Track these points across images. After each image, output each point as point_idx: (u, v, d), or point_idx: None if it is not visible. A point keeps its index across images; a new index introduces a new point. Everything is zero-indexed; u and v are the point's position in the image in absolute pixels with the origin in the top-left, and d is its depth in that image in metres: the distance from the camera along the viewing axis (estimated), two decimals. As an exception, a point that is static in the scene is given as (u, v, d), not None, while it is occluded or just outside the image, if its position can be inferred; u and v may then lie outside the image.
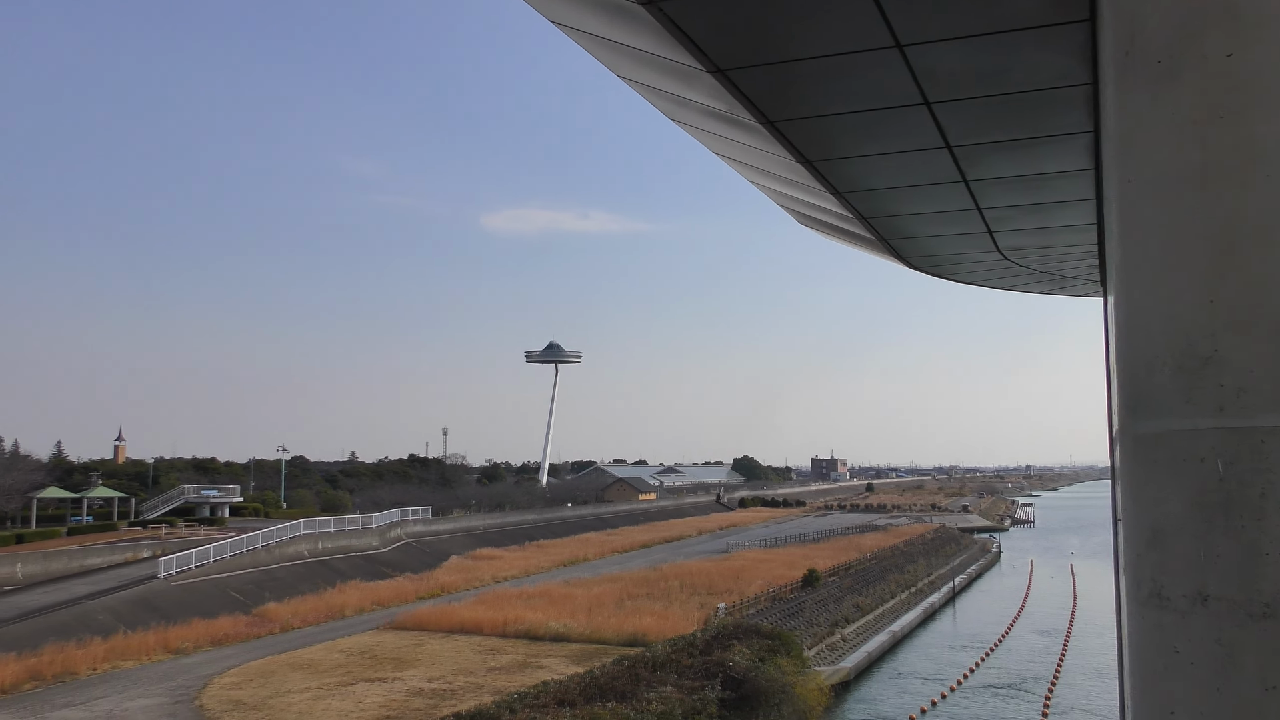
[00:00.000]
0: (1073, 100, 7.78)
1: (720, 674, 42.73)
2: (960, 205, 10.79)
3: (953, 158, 9.14)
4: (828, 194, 10.63)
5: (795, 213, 13.78)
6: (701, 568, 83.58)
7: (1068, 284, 16.72)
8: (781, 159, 9.71)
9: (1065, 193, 10.54)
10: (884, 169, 9.65)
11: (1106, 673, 64.29)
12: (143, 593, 60.56)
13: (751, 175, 12.05)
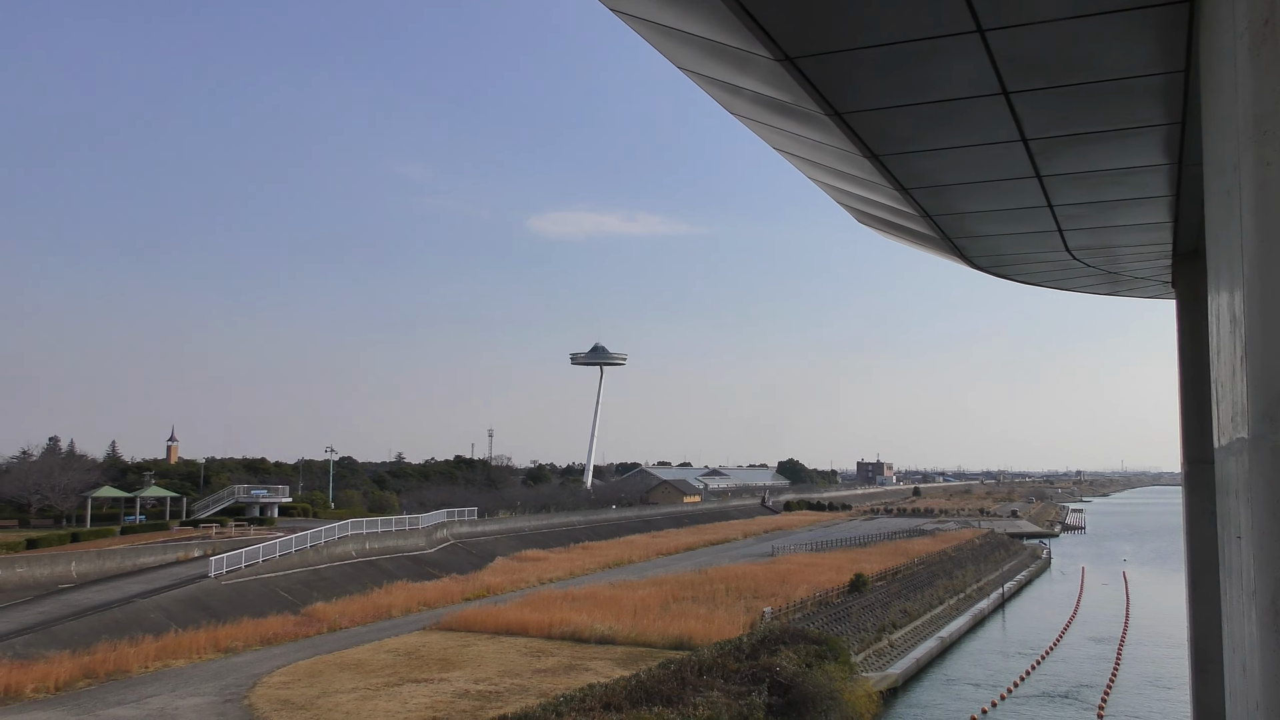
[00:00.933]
0: (1161, 89, 7.39)
1: (767, 679, 42.29)
2: (1031, 202, 10.39)
3: (1027, 151, 8.76)
4: (892, 190, 10.28)
5: (853, 209, 13.43)
6: (747, 571, 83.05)
7: (1135, 285, 16.20)
8: (844, 153, 9.39)
9: (1142, 189, 10.11)
10: (954, 164, 9.29)
11: (1164, 681, 62.94)
12: (194, 592, 61.20)
13: (810, 170, 11.72)
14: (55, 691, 40.33)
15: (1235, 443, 4.17)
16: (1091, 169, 9.44)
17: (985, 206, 10.89)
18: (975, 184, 10.00)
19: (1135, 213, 11.15)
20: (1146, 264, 14.17)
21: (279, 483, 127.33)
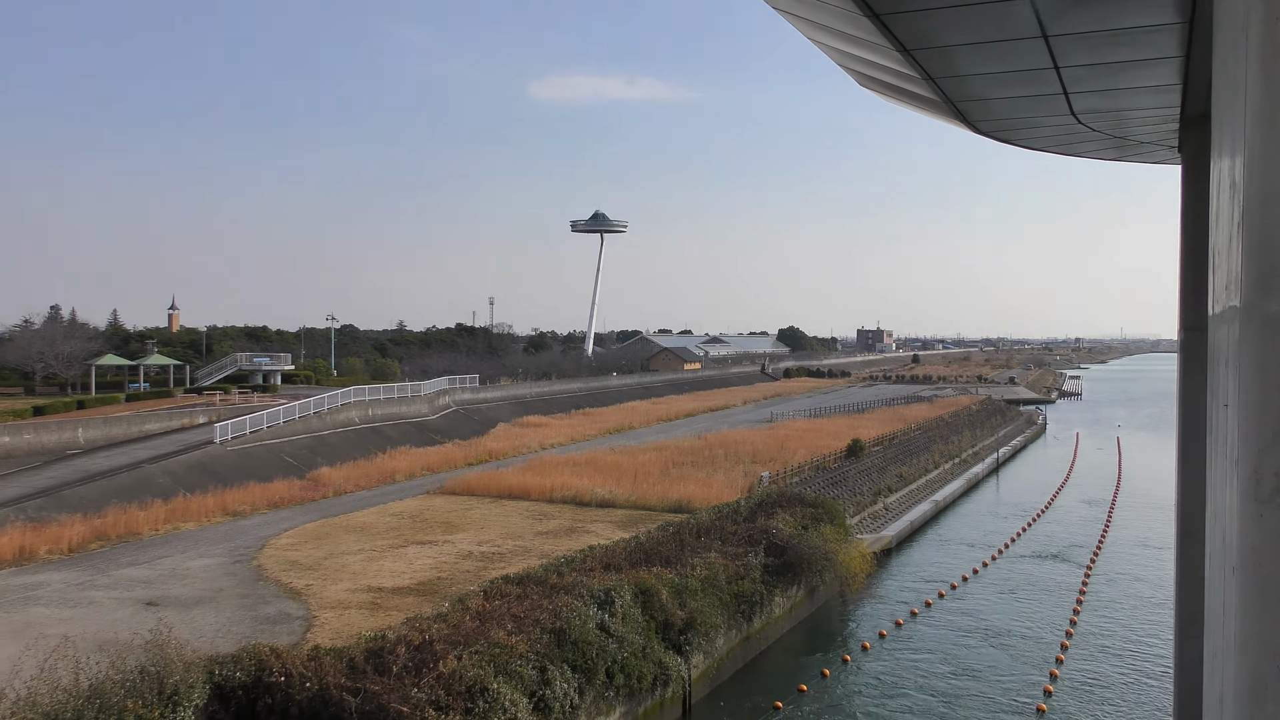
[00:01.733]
0: (1174, -58, 7.07)
1: (764, 541, 43.27)
2: (1037, 64, 10.09)
3: (1034, 10, 8.46)
4: (893, 51, 9.97)
5: (855, 72, 13.07)
6: (746, 437, 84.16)
7: (1140, 150, 15.90)
8: (845, 12, 9.07)
9: (1151, 50, 9.81)
10: (958, 24, 8.98)
11: (1152, 542, 64.44)
12: (200, 457, 62.17)
13: (810, 31, 11.36)
14: (68, 553, 41.33)
15: (1228, 311, 4.12)
16: (1100, 28, 9.13)
17: (990, 69, 10.59)
18: (980, 45, 9.70)
19: (1143, 75, 10.85)
20: (1153, 128, 13.88)
21: (281, 350, 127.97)
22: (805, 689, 36.98)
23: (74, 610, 32.36)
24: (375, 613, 32.45)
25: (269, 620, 31.68)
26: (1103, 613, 48.30)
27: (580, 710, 28.16)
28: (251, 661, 24.28)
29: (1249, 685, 3.12)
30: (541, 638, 28.18)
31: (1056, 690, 37.39)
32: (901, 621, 45.76)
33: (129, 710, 20.59)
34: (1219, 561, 4.30)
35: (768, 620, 42.01)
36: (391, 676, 24.57)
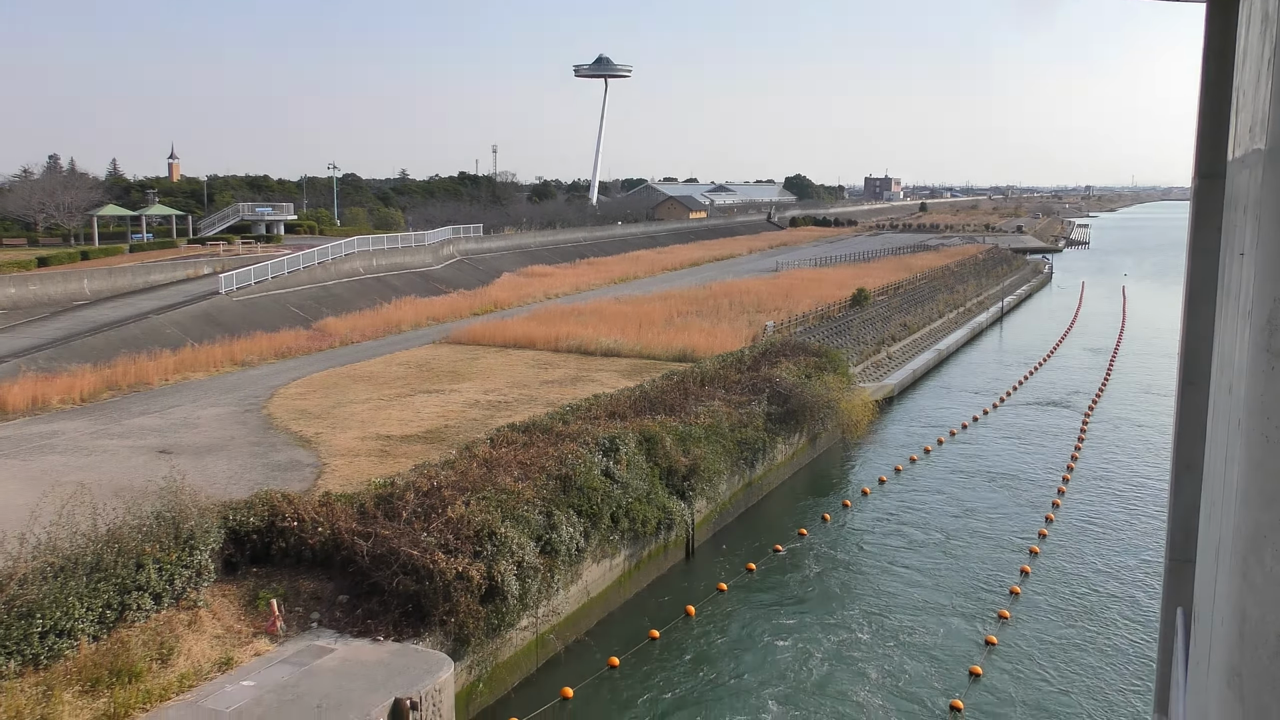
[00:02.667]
0: None
1: (767, 389, 43.67)
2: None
3: None
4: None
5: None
6: (750, 286, 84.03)
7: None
8: None
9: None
10: None
11: (1153, 389, 64.99)
12: (206, 308, 62.33)
13: None
14: (81, 403, 41.85)
15: (1250, 155, 3.95)
16: None
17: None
18: None
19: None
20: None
21: (283, 200, 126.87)
22: (805, 533, 37.90)
23: (89, 458, 32.95)
24: (384, 460, 33.02)
25: (280, 467, 32.27)
26: (1101, 456, 49.08)
27: (586, 554, 28.92)
28: (264, 507, 24.84)
29: (1249, 535, 3.09)
30: (548, 484, 28.72)
31: (1052, 532, 38.29)
32: (901, 468, 46.56)
33: (147, 554, 21.16)
34: (1224, 413, 4.25)
35: (770, 467, 42.76)
36: (401, 521, 25.16)
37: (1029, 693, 26.37)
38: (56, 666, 19.10)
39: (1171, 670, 12.54)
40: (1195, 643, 6.17)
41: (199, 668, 20.69)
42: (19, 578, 19.12)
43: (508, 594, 24.48)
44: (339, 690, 20.26)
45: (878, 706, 25.52)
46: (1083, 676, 27.30)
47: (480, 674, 24.72)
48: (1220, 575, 3.86)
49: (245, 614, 22.85)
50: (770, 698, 25.76)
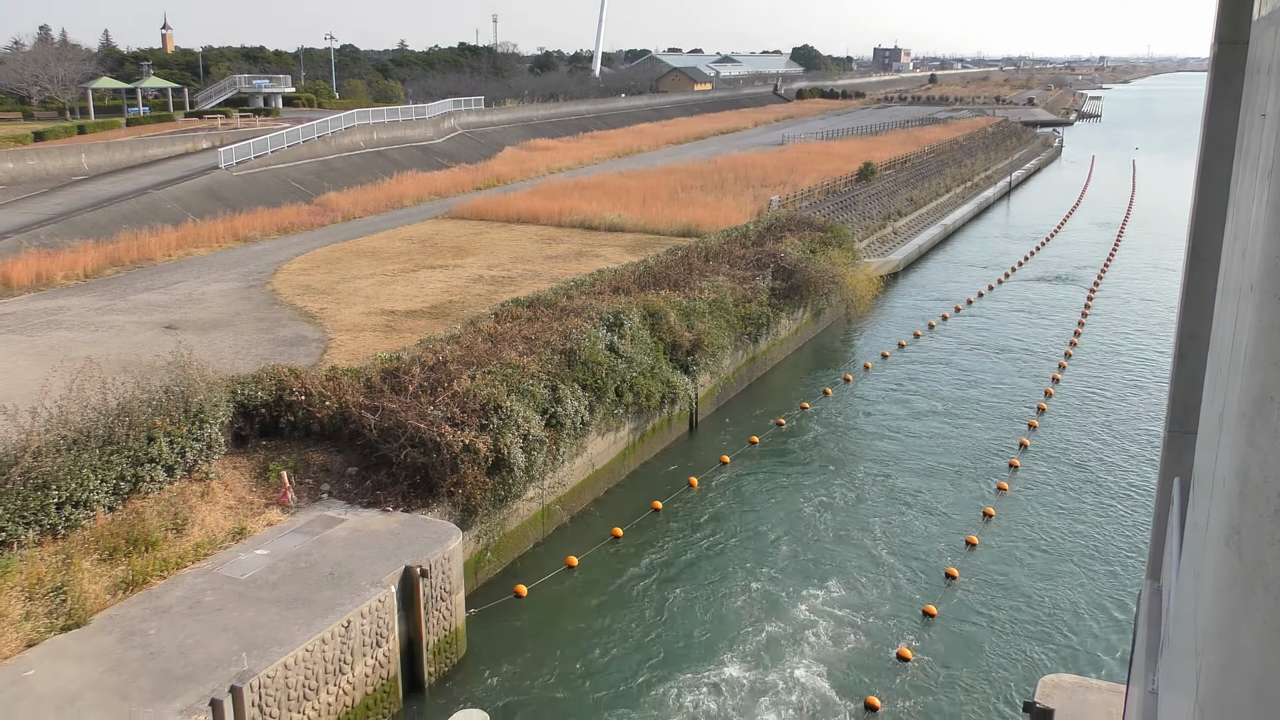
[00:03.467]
0: None
1: (772, 264, 43.51)
2: None
3: None
4: None
5: None
6: (756, 160, 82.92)
7: None
8: None
9: None
10: None
11: (1160, 264, 64.74)
12: (206, 183, 61.73)
13: None
14: (85, 279, 41.84)
15: (1276, 12, 3.83)
16: None
17: None
18: None
19: None
20: None
21: (279, 72, 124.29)
22: (807, 406, 38.24)
23: (95, 334, 33.10)
24: (389, 335, 33.14)
25: (286, 342, 32.42)
26: (1105, 331, 49.17)
27: (591, 427, 29.26)
28: (272, 382, 25.04)
29: (1255, 399, 3.11)
30: (552, 358, 28.88)
31: (1051, 405, 38.60)
32: (904, 343, 46.71)
33: (157, 427, 21.43)
34: (1235, 279, 4.22)
35: (773, 342, 42.91)
36: (408, 395, 25.39)
37: (1023, 563, 26.97)
38: (74, 536, 19.55)
39: (1166, 538, 12.79)
40: (1194, 507, 6.26)
41: (213, 537, 21.16)
42: (33, 450, 19.41)
43: (514, 466, 24.86)
44: (350, 559, 20.76)
45: (875, 569, 26.15)
46: (1078, 545, 27.87)
47: (488, 543, 25.28)
48: (1223, 440, 3.90)
49: (256, 486, 23.26)
50: (770, 560, 26.38)
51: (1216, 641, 3.97)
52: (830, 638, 23.15)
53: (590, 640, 23.06)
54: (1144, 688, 11.01)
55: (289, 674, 17.52)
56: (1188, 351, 10.93)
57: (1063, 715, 16.38)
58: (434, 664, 21.42)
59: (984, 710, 20.74)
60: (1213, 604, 4.04)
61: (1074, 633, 23.65)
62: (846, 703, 20.92)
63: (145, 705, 15.98)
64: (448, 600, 21.60)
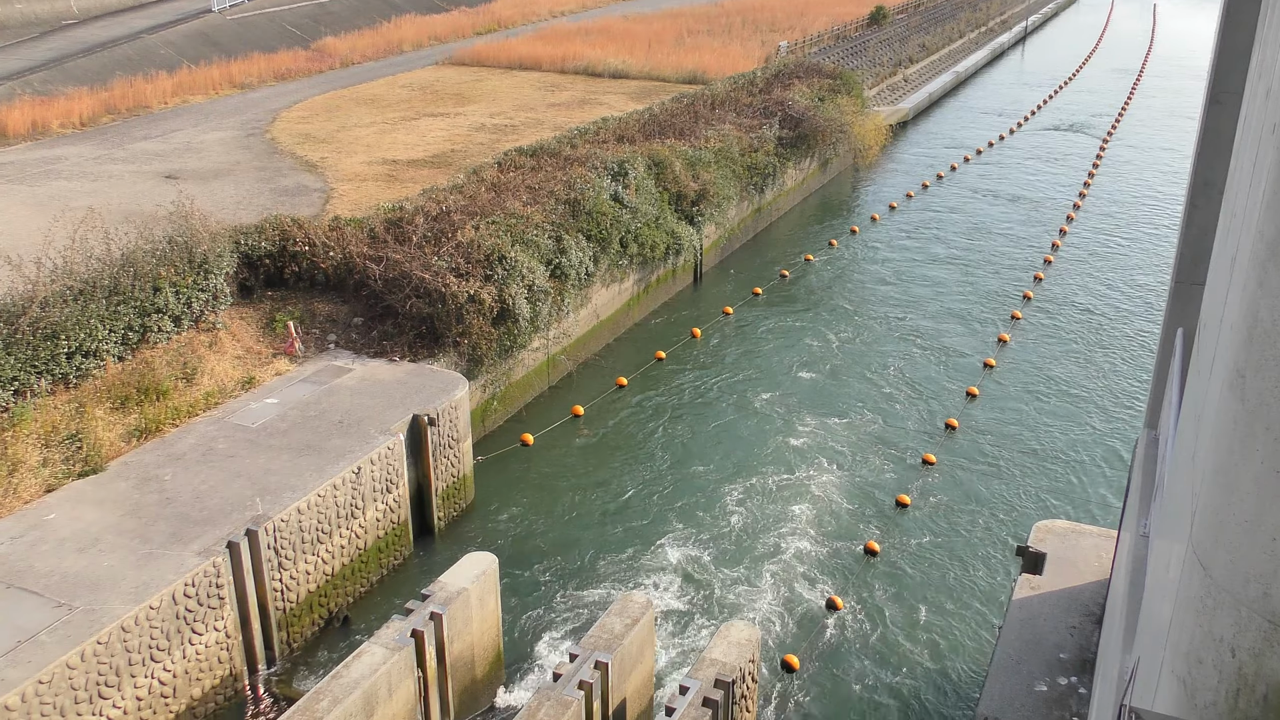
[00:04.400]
0: None
1: (779, 113, 42.65)
2: None
3: None
4: None
5: None
6: (764, 3, 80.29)
7: None
8: None
9: None
10: None
11: (1176, 112, 63.43)
12: (199, 27, 60.08)
13: None
14: (80, 127, 41.17)
15: None
16: None
17: None
18: None
19: None
20: None
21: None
22: (812, 259, 38.10)
23: (95, 183, 32.77)
24: (391, 184, 32.80)
25: (288, 192, 32.11)
26: (1117, 179, 48.53)
27: (595, 278, 29.23)
28: (275, 232, 24.91)
29: (1270, 242, 3.08)
30: (556, 208, 28.63)
31: (1058, 258, 38.42)
32: (912, 194, 46.19)
33: (162, 278, 21.43)
34: (1258, 119, 4.13)
35: (779, 192, 42.45)
36: (412, 246, 25.28)
37: (1022, 413, 27.30)
38: (86, 385, 19.79)
39: (1166, 388, 12.93)
40: (1198, 353, 6.29)
41: (223, 387, 21.41)
42: (40, 300, 19.47)
43: (519, 316, 24.95)
44: (359, 407, 21.04)
45: (874, 417, 26.52)
46: (1077, 395, 28.16)
47: (494, 393, 25.59)
48: (1233, 285, 3.88)
49: (263, 336, 23.40)
50: (769, 406, 26.74)
51: (1213, 484, 4.05)
52: (828, 484, 23.64)
53: (595, 485, 23.57)
54: (1135, 532, 11.29)
55: (302, 518, 17.99)
56: (1200, 199, 10.81)
57: (1054, 559, 16.85)
58: (443, 509, 21.97)
59: (979, 555, 21.33)
60: (1212, 448, 4.10)
61: (1069, 481, 24.13)
62: (846, 546, 21.51)
63: (164, 547, 16.46)
64: (455, 448, 21.99)
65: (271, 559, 17.47)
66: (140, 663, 15.26)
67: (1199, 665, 4.33)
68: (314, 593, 18.64)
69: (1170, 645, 4.73)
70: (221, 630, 16.66)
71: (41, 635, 14.43)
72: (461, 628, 16.24)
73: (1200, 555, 4.18)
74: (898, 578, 20.58)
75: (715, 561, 20.90)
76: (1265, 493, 3.58)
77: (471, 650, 16.69)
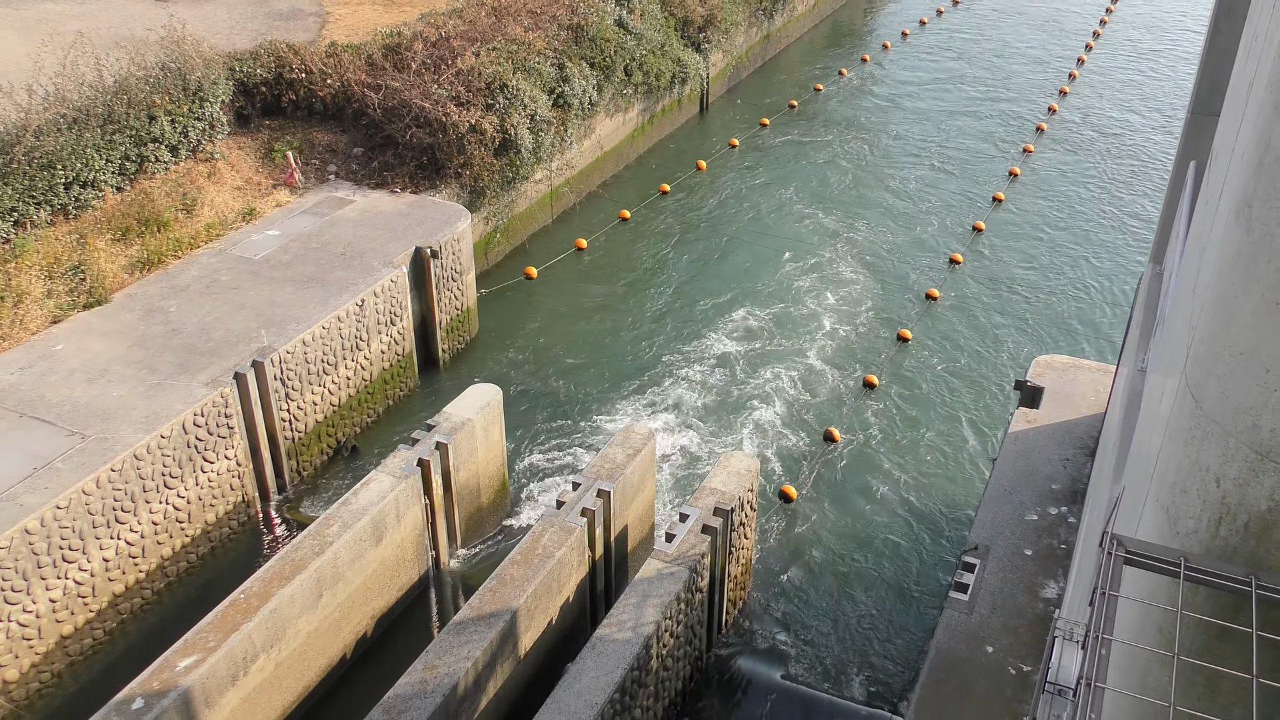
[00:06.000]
0: None
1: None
2: None
3: None
4: None
5: None
6: None
7: None
8: None
9: None
10: None
11: None
12: None
13: None
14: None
15: None
16: None
17: None
18: None
19: None
20: None
21: None
22: (821, 88, 37.18)
23: (83, 6, 31.72)
24: (388, 9, 31.71)
25: (282, 16, 31.10)
26: (1142, 3, 46.90)
27: (599, 107, 28.61)
28: (271, 58, 24.25)
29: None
30: (559, 35, 27.78)
31: (1073, 88, 37.47)
32: (926, 20, 44.69)
33: (157, 106, 20.99)
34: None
35: (789, 19, 41.10)
36: (411, 74, 24.65)
37: (1027, 250, 27.15)
38: (86, 216, 19.65)
39: (1173, 223, 12.80)
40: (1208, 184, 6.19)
41: (223, 218, 21.26)
42: (34, 129, 19.13)
43: (521, 147, 24.55)
44: (361, 239, 20.94)
45: (879, 250, 26.41)
46: (1083, 232, 27.95)
47: (497, 225, 25.41)
48: (1248, 111, 3.77)
49: (262, 166, 23.09)
50: (771, 236, 26.59)
51: (1212, 315, 4.04)
52: (830, 318, 23.71)
53: (598, 318, 23.67)
54: (1133, 366, 11.37)
55: (307, 350, 18.14)
56: (1224, 24, 10.46)
57: (1052, 393, 17.05)
58: (447, 342, 22.13)
59: (979, 390, 21.56)
60: (1214, 279, 4.07)
61: (1070, 318, 24.17)
62: (847, 378, 21.74)
63: (172, 378, 16.67)
64: (459, 280, 21.99)
65: (278, 390, 17.70)
66: (154, 489, 15.66)
67: (1183, 494, 4.41)
68: (321, 423, 18.98)
69: (1157, 475, 4.80)
70: (232, 459, 17.03)
71: (57, 462, 14.77)
72: (467, 457, 16.58)
73: (1193, 387, 4.20)
74: (895, 411, 20.87)
75: (718, 393, 21.18)
76: (1263, 324, 3.56)
77: (477, 479, 17.10)
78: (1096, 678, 3.72)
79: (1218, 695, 4.49)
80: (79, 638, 14.91)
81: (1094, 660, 3.76)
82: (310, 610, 13.88)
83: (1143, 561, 4.28)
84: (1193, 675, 4.40)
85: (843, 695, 15.09)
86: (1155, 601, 4.52)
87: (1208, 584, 4.12)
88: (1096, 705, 3.61)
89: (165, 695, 11.98)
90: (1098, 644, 3.81)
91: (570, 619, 14.91)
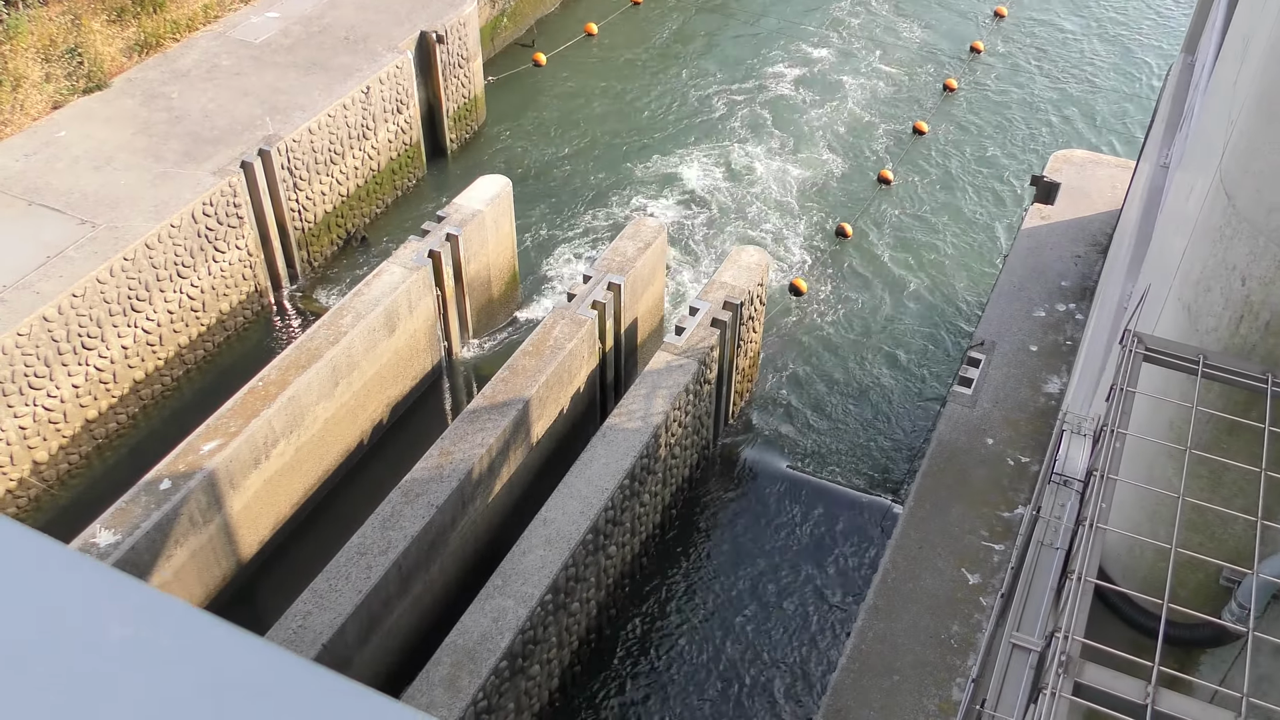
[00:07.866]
0: None
1: None
2: None
3: None
4: None
5: None
6: None
7: None
8: None
9: None
10: None
11: None
12: None
13: None
14: None
15: None
16: None
17: None
18: None
19: None
20: None
21: None
22: None
23: None
24: None
25: None
26: None
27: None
28: None
29: None
30: None
31: None
32: None
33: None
34: None
35: None
36: None
37: (1046, 37, 26.21)
38: (78, -5, 18.95)
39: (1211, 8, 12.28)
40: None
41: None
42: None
43: (528, -75, 23.38)
44: (364, 22, 20.24)
45: (900, 42, 25.54)
46: (1107, 20, 26.90)
47: (504, 8, 24.49)
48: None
49: (258, -57, 22.07)
50: (796, 19, 25.70)
51: (1254, 110, 3.92)
52: (849, 106, 23.16)
53: (609, 107, 23.14)
54: (1156, 162, 11.15)
55: (313, 138, 17.84)
56: None
57: (1068, 188, 16.83)
58: (455, 130, 21.71)
59: (996, 186, 21.28)
60: (1259, 71, 3.93)
61: (1091, 113, 23.58)
62: (862, 173, 21.44)
63: (178, 166, 16.47)
64: (465, 67, 21.37)
65: (286, 179, 17.51)
66: (168, 278, 15.73)
67: (1206, 293, 4.41)
68: (330, 213, 18.86)
69: (1180, 274, 4.79)
70: (243, 249, 17.03)
71: (69, 251, 14.79)
72: (477, 249, 16.56)
73: (1226, 184, 4.13)
74: (911, 203, 20.67)
75: (731, 185, 20.93)
76: (1308, 121, 3.46)
77: (488, 270, 17.13)
78: (1110, 469, 3.82)
79: (1220, 487, 4.63)
80: (103, 422, 15.32)
81: (1108, 453, 3.85)
82: (327, 398, 14.20)
83: (1162, 358, 4.33)
84: (1197, 468, 4.52)
85: (844, 484, 15.59)
86: (1168, 397, 4.59)
87: (1225, 381, 4.17)
88: (1108, 495, 3.72)
89: (191, 476, 12.41)
90: (1112, 437, 3.89)
91: (581, 409, 15.25)
